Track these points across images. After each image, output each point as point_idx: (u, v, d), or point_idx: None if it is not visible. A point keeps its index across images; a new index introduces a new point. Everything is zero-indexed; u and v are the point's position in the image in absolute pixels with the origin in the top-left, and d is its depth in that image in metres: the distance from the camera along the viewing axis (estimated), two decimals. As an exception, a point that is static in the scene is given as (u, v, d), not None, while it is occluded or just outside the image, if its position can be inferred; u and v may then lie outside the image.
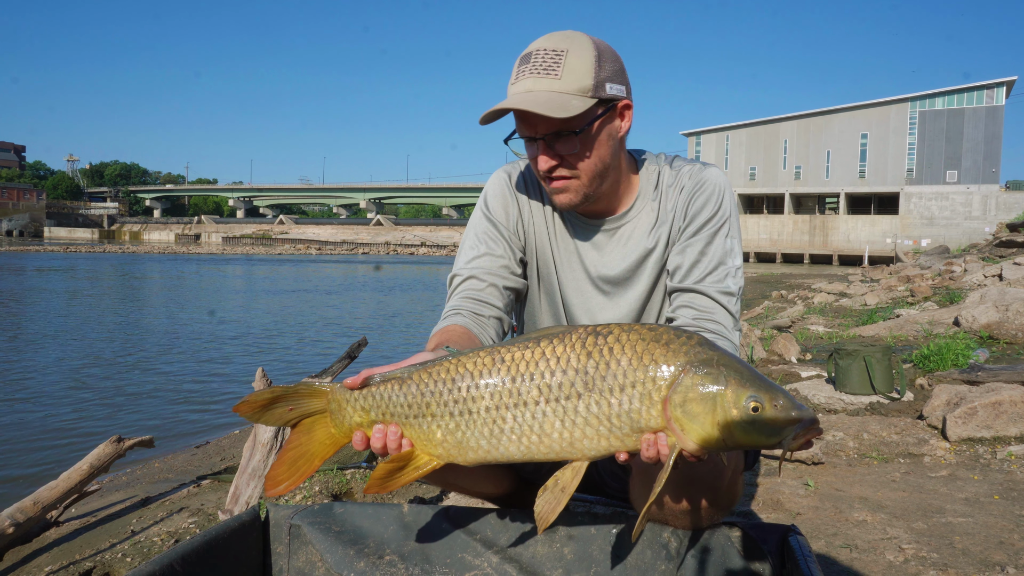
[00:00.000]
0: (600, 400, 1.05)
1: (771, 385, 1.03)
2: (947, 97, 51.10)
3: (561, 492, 1.09)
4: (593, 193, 1.53)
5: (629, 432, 1.06)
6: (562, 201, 1.53)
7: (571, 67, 1.41)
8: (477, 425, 1.09)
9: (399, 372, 1.15)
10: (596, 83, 1.43)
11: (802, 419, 1.00)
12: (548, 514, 1.09)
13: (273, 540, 1.47)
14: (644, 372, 1.04)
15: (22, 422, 6.11)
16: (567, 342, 1.08)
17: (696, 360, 1.03)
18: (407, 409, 1.13)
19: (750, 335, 6.45)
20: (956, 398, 3.69)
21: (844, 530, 2.42)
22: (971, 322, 6.91)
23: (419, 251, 71.90)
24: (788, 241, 53.98)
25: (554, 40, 1.44)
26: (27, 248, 54.34)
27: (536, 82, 1.41)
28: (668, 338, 1.06)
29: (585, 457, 1.08)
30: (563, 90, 1.40)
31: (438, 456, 1.13)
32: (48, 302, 17.48)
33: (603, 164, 1.51)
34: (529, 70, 1.42)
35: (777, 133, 56.02)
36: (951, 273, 15.63)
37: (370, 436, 1.15)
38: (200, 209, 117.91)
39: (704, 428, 1.01)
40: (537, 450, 1.08)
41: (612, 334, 1.07)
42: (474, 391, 1.09)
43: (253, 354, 10.03)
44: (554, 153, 1.47)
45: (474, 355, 1.11)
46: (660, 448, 1.05)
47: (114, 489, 4.14)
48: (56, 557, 2.95)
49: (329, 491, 3.18)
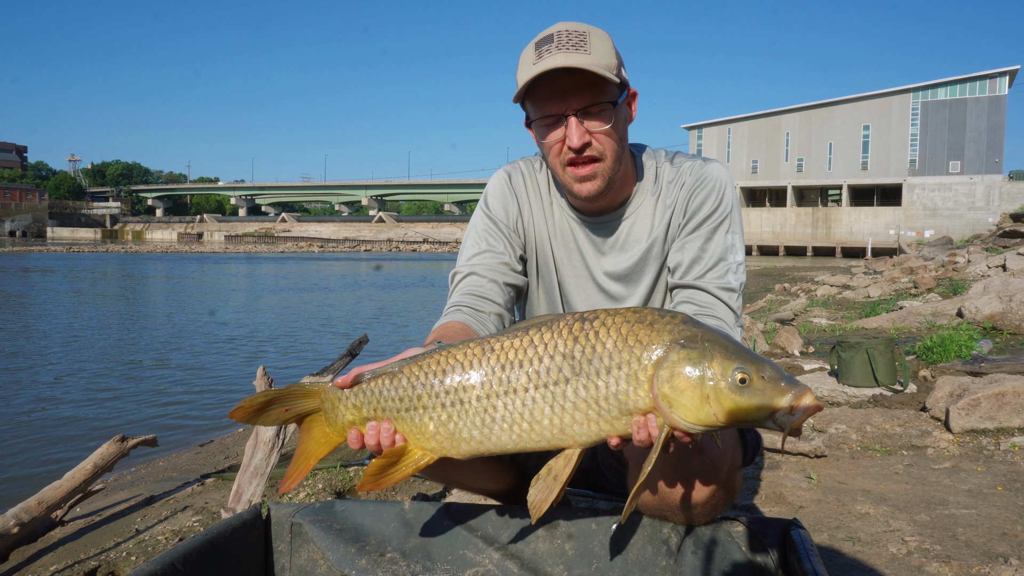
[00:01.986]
0: (588, 384, 1.05)
1: (758, 357, 1.02)
2: (949, 87, 50.88)
3: (554, 480, 1.09)
4: (612, 178, 1.52)
5: (618, 415, 1.05)
6: (590, 188, 1.51)
7: (596, 46, 1.41)
8: (469, 415, 1.09)
9: (389, 367, 1.15)
10: (618, 64, 1.45)
11: (791, 390, 0.99)
12: (541, 503, 1.09)
13: (275, 538, 1.47)
14: (629, 353, 1.04)
15: (26, 422, 6.12)
16: (555, 329, 1.08)
17: (681, 337, 1.03)
18: (398, 403, 1.13)
19: (753, 328, 6.44)
20: (959, 389, 3.68)
21: (847, 523, 2.42)
22: (974, 313, 6.89)
23: (421, 248, 71.91)
24: (791, 234, 53.86)
25: (572, 24, 1.45)
26: (30, 248, 54.45)
27: (567, 57, 1.39)
28: (652, 319, 1.06)
29: (577, 443, 1.08)
30: (596, 64, 1.40)
31: (431, 450, 1.13)
32: (51, 302, 17.52)
33: (622, 147, 1.51)
34: (556, 47, 1.41)
35: (779, 125, 55.86)
36: (954, 264, 15.59)
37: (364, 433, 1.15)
38: (202, 208, 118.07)
39: (692, 403, 1.00)
40: (529, 438, 1.08)
41: (598, 319, 1.07)
42: (464, 381, 1.09)
43: (255, 352, 10.05)
44: (584, 131, 1.45)
45: (464, 346, 1.12)
46: (651, 430, 1.04)
47: (118, 488, 4.15)
48: (61, 556, 2.96)
49: (332, 488, 3.18)
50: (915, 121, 51.49)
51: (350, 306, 17.77)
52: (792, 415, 0.99)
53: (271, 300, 19.25)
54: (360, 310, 16.87)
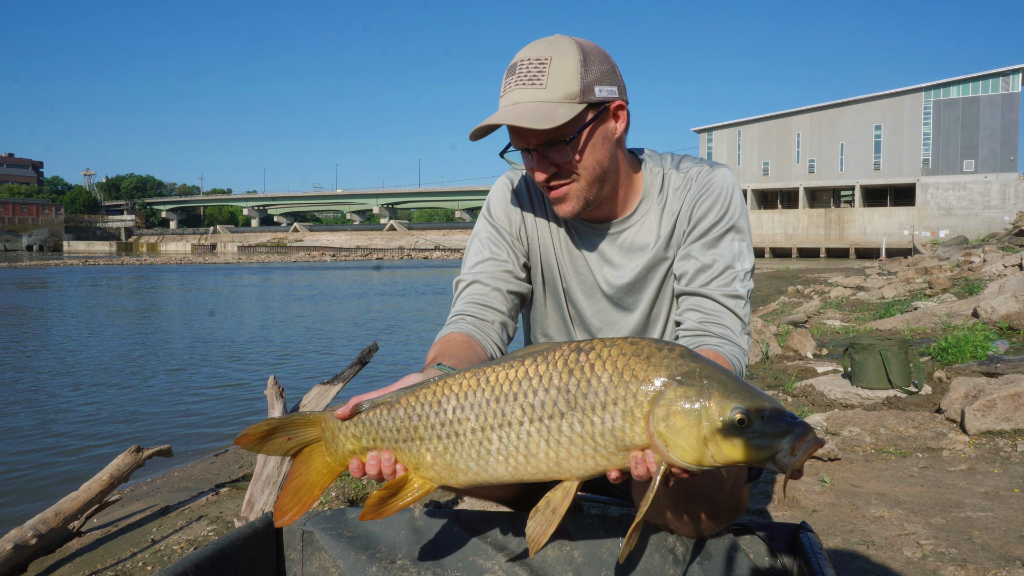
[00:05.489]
0: (583, 419, 1.02)
1: (759, 395, 0.99)
2: (962, 85, 50.47)
3: (552, 514, 1.07)
4: (594, 198, 1.52)
5: (615, 450, 1.02)
6: (564, 210, 1.52)
7: (556, 74, 1.39)
8: (464, 447, 1.08)
9: (387, 397, 1.15)
10: (584, 87, 1.41)
11: (793, 430, 0.95)
12: (539, 536, 1.07)
13: (286, 546, 1.48)
14: (625, 388, 1.01)
15: (43, 434, 6.19)
16: (550, 360, 1.06)
17: (678, 373, 1.00)
18: (396, 433, 1.13)
19: (765, 331, 6.40)
20: (975, 391, 3.64)
21: (861, 526, 2.40)
22: (990, 313, 6.82)
23: (433, 255, 72.11)
24: (803, 235, 53.53)
25: (537, 48, 1.42)
26: (47, 263, 55.08)
27: (521, 93, 1.40)
28: (649, 352, 1.03)
29: (573, 477, 1.06)
30: (549, 99, 1.39)
31: (430, 479, 1.13)
32: (68, 314, 17.72)
33: (601, 168, 1.49)
34: (515, 82, 1.42)
35: (790, 127, 55.61)
36: (970, 264, 15.44)
37: (365, 463, 1.15)
38: (215, 219, 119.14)
39: (689, 443, 0.97)
40: (525, 471, 1.07)
41: (594, 350, 1.05)
42: (459, 413, 1.08)
43: (267, 362, 10.11)
44: (548, 163, 1.45)
45: (460, 376, 1.11)
46: (649, 466, 1.01)
47: (134, 499, 4.18)
48: (79, 567, 2.99)
49: (345, 496, 3.20)
50: (927, 120, 51.07)
51: (361, 314, 17.84)
52: (793, 456, 0.95)
53: (283, 309, 19.36)
54: (371, 318, 16.93)
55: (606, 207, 1.59)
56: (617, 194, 1.58)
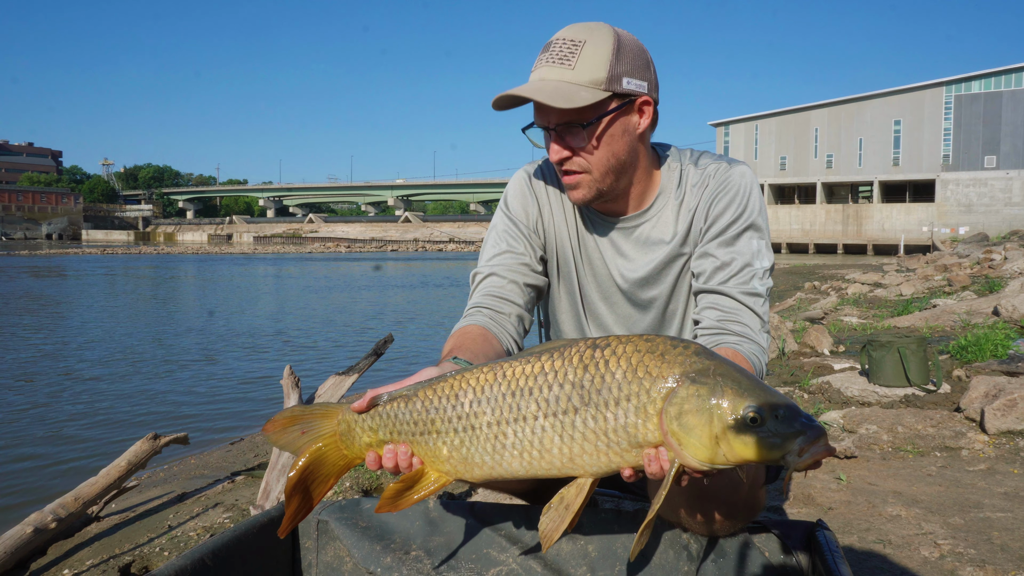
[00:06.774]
0: (596, 415, 1.02)
1: (773, 394, 0.98)
2: (983, 80, 49.68)
3: (565, 510, 1.07)
4: (608, 190, 1.52)
5: (628, 447, 1.02)
6: (575, 196, 1.53)
7: (586, 58, 1.40)
8: (480, 441, 1.09)
9: (404, 390, 1.15)
10: (611, 76, 1.41)
11: (806, 431, 0.94)
12: (552, 532, 1.07)
13: (302, 535, 1.49)
14: (639, 385, 1.00)
15: (62, 420, 6.28)
16: (566, 355, 1.06)
17: (692, 370, 0.99)
18: (413, 427, 1.13)
19: (781, 327, 6.36)
20: (995, 390, 3.59)
21: (877, 525, 2.38)
22: (1011, 311, 6.73)
23: (448, 247, 72.21)
24: (821, 231, 53.04)
25: (575, 30, 1.44)
26: (66, 251, 55.78)
27: (550, 71, 1.41)
28: (664, 348, 1.02)
29: (588, 473, 1.06)
30: (574, 80, 1.39)
31: (446, 472, 1.13)
32: (86, 302, 17.93)
33: (617, 160, 1.48)
34: (547, 59, 1.43)
35: (808, 121, 55.05)
36: (990, 261, 15.24)
37: (381, 455, 1.16)
38: (231, 209, 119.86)
39: (701, 441, 0.96)
40: (539, 466, 1.07)
41: (609, 347, 1.05)
42: (476, 407, 1.09)
43: (283, 351, 10.18)
44: (565, 144, 1.46)
45: (477, 371, 1.11)
46: (662, 463, 1.00)
47: (152, 485, 4.23)
48: (97, 551, 3.03)
49: (360, 487, 3.22)
50: (948, 115, 50.36)
51: (376, 306, 17.91)
52: (800, 457, 0.94)
53: (299, 299, 19.48)
54: (385, 310, 17.00)
55: (623, 200, 1.58)
56: (636, 188, 1.57)
